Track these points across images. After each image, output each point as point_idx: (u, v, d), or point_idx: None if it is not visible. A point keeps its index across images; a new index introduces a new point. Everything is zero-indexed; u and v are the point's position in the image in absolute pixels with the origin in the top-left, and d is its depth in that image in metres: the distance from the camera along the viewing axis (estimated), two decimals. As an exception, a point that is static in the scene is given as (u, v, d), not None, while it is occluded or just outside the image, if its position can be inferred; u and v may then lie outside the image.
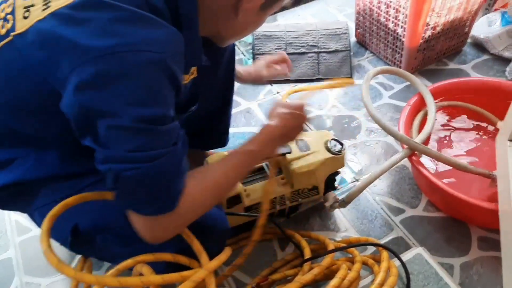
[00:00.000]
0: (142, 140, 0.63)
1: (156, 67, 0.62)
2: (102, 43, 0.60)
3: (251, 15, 0.78)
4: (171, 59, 0.64)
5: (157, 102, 0.64)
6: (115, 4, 0.62)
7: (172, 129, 0.68)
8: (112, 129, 0.62)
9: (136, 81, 0.61)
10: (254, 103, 1.58)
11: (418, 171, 1.12)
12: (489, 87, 1.36)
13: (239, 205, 1.04)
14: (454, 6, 1.52)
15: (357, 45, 1.82)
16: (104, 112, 0.61)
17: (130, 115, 0.61)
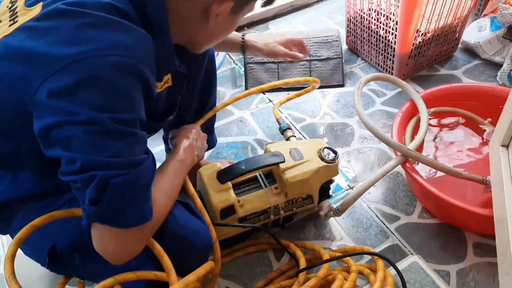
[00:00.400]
0: (121, 145, 0.62)
1: (124, 70, 0.61)
2: (69, 51, 0.59)
3: (222, 19, 0.77)
4: (142, 62, 0.64)
5: (129, 105, 0.63)
6: (81, 11, 0.62)
7: (145, 135, 0.68)
8: (89, 135, 0.60)
9: (107, 86, 0.60)
10: (247, 112, 1.57)
11: (412, 178, 1.12)
12: (481, 92, 1.37)
13: (233, 215, 1.03)
14: (444, 13, 1.53)
15: (349, 52, 1.82)
16: (78, 119, 0.59)
17: (106, 120, 0.60)
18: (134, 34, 0.65)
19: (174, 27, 0.74)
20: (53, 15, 0.63)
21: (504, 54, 1.65)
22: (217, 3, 0.72)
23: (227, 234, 1.07)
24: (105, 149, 0.61)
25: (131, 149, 0.64)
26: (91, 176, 0.61)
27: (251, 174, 1.10)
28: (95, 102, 0.60)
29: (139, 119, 0.66)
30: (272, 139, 1.46)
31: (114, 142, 0.62)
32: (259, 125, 1.51)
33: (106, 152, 0.61)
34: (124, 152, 0.63)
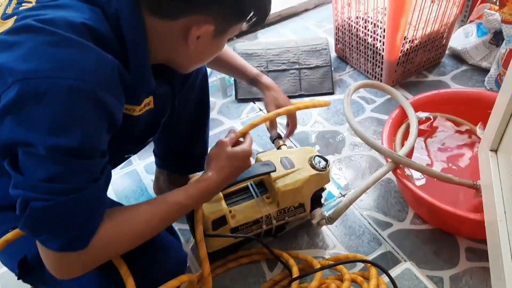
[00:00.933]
0: (56, 171, 0.60)
1: (76, 95, 0.59)
2: (24, 67, 0.58)
3: (204, 43, 0.75)
4: (98, 86, 0.61)
5: (75, 132, 0.60)
6: (47, 28, 0.61)
7: (94, 165, 0.65)
8: (27, 156, 0.60)
9: (51, 109, 0.58)
10: (237, 121, 1.57)
11: (403, 184, 1.12)
12: (469, 98, 1.38)
13: (225, 226, 1.03)
14: (431, 20, 1.54)
15: (338, 60, 1.83)
16: (19, 139, 0.59)
17: (43, 144, 0.58)
18: (96, 57, 0.63)
19: (154, 47, 0.73)
20: (21, 30, 0.62)
21: (490, 59, 1.67)
22: (196, 26, 0.71)
23: (219, 245, 1.06)
24: (38, 171, 0.60)
25: (67, 177, 0.62)
26: (18, 194, 0.62)
27: (242, 184, 1.10)
28: (38, 124, 0.58)
29: (88, 147, 0.63)
30: (263, 148, 1.46)
31: (49, 166, 0.60)
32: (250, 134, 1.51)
33: (37, 175, 0.60)
34: (58, 179, 0.61)
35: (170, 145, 1.20)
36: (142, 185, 1.36)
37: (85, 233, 0.66)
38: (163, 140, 1.19)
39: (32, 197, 0.60)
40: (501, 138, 0.96)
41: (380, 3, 1.46)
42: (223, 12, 0.72)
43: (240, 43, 1.85)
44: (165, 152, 1.22)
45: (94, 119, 0.63)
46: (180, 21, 0.70)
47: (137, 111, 0.79)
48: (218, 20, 0.72)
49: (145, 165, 1.42)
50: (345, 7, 1.64)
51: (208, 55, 0.83)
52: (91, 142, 0.63)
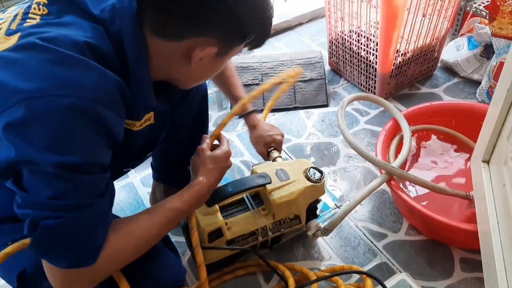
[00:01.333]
0: (62, 187, 0.62)
1: (77, 113, 0.61)
2: (27, 86, 0.60)
3: (205, 62, 0.77)
4: (98, 103, 0.63)
5: (77, 149, 0.62)
6: (49, 47, 0.62)
7: (99, 180, 0.66)
8: (32, 174, 0.61)
9: (54, 128, 0.60)
10: (233, 134, 1.58)
11: (397, 196, 1.13)
12: (461, 109, 1.40)
13: (221, 238, 1.03)
14: (422, 33, 1.57)
15: (332, 73, 1.85)
16: (24, 157, 0.60)
17: (48, 161, 0.60)
18: (96, 74, 0.64)
19: (155, 65, 0.74)
20: (24, 47, 0.63)
21: (482, 71, 1.70)
22: (200, 47, 0.72)
23: (215, 257, 1.06)
24: (45, 189, 0.61)
25: (74, 193, 0.63)
26: (26, 213, 0.62)
27: (238, 196, 1.10)
28: (43, 143, 0.60)
29: (92, 163, 0.65)
30: (258, 160, 1.47)
31: (56, 184, 0.61)
32: (245, 147, 1.52)
33: (45, 193, 0.61)
34: (65, 195, 0.62)
35: (167, 159, 1.20)
36: (138, 197, 1.36)
37: (93, 247, 0.67)
38: (161, 154, 1.20)
39: (43, 215, 0.61)
40: (492, 149, 0.98)
41: (372, 17, 1.49)
42: (226, 34, 0.73)
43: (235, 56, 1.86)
44: (162, 165, 1.22)
45: (95, 135, 0.64)
46: (184, 42, 0.72)
47: (137, 126, 0.80)
48: (221, 42, 0.73)
49: (141, 178, 1.43)
50: (338, 21, 1.66)
51: (209, 74, 0.85)
52: (93, 157, 0.64)
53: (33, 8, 0.71)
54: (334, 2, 1.62)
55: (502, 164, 0.91)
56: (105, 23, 0.69)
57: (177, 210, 0.82)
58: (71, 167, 0.61)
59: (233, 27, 0.73)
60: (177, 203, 0.83)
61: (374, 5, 1.44)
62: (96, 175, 0.65)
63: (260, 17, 0.75)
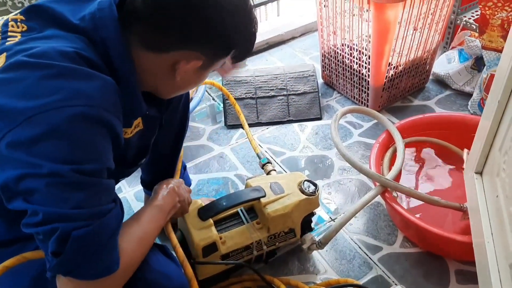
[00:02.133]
0: (84, 195, 0.61)
1: (87, 120, 0.61)
2: (31, 103, 0.59)
3: (190, 75, 0.78)
4: (106, 110, 0.63)
5: (93, 155, 0.62)
6: (42, 62, 0.62)
7: (111, 184, 0.67)
8: (51, 187, 0.60)
9: (68, 138, 0.60)
10: (227, 148, 1.58)
11: (392, 208, 1.13)
12: (453, 121, 1.41)
13: (215, 253, 1.02)
14: (414, 46, 1.59)
15: (325, 86, 1.87)
16: (40, 172, 0.59)
17: (68, 172, 0.59)
18: (98, 81, 0.65)
19: (141, 75, 0.75)
20: (15, 67, 0.63)
21: (473, 84, 1.71)
22: (185, 60, 0.73)
23: (210, 272, 1.05)
24: (68, 200, 0.60)
25: (95, 199, 0.63)
26: (53, 228, 0.60)
27: (233, 210, 1.10)
28: (57, 154, 0.59)
29: (105, 167, 0.65)
30: (252, 173, 1.46)
31: (77, 193, 0.61)
32: (239, 160, 1.52)
33: (68, 204, 0.60)
34: (88, 203, 0.62)
35: (154, 170, 1.19)
36: (132, 212, 1.35)
37: (116, 253, 0.67)
38: (149, 165, 1.19)
39: (72, 226, 0.60)
40: (485, 161, 0.98)
41: (364, 31, 1.50)
42: (211, 49, 0.74)
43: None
44: (150, 178, 1.22)
45: (106, 140, 0.65)
46: (170, 54, 0.72)
47: (129, 133, 0.81)
48: (205, 56, 0.74)
49: (135, 193, 1.42)
50: (330, 35, 1.68)
51: (192, 85, 0.85)
52: (106, 162, 0.65)
53: (10, 25, 0.70)
54: (326, 16, 1.64)
55: (495, 175, 0.91)
56: (86, 32, 0.70)
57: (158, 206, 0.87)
58: (90, 173, 0.62)
59: (219, 42, 0.74)
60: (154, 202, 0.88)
61: (365, 19, 1.46)
62: (108, 179, 0.66)
63: (245, 32, 0.77)
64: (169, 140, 1.11)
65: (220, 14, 0.70)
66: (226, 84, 1.75)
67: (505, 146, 0.87)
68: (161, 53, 0.72)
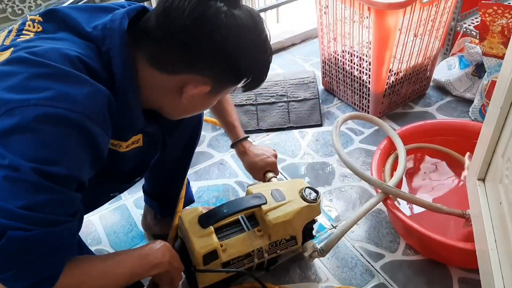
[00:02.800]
0: (38, 198, 0.59)
1: (62, 123, 0.60)
2: (16, 97, 0.60)
3: (197, 98, 0.77)
4: (88, 118, 0.62)
5: (62, 160, 0.60)
6: (40, 61, 0.63)
7: (75, 198, 0.64)
8: (7, 181, 0.58)
9: (40, 137, 0.59)
10: (227, 154, 1.57)
11: (394, 215, 1.13)
12: (455, 128, 1.41)
13: (216, 261, 1.01)
14: (414, 53, 1.59)
15: (325, 92, 1.86)
16: (2, 163, 0.58)
17: (28, 169, 0.58)
18: (88, 88, 0.64)
19: (146, 94, 0.74)
20: (14, 61, 0.64)
21: (474, 90, 1.71)
22: (193, 84, 0.72)
23: (210, 280, 1.04)
24: (17, 198, 0.58)
25: (48, 207, 0.60)
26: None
27: (233, 217, 1.09)
28: (23, 149, 0.58)
29: (72, 177, 0.62)
30: (253, 180, 1.46)
31: (31, 194, 0.59)
32: (239, 167, 1.51)
33: (17, 202, 0.58)
34: (39, 208, 0.59)
35: (156, 183, 1.19)
36: (131, 220, 1.35)
37: (55, 271, 0.63)
38: (152, 178, 1.19)
39: (12, 225, 0.57)
40: (487, 167, 0.98)
41: (365, 37, 1.50)
42: (221, 76, 0.74)
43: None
44: (152, 189, 1.21)
45: (81, 149, 0.63)
46: (178, 76, 0.72)
47: (124, 147, 0.79)
48: (214, 82, 0.73)
49: (134, 200, 1.41)
50: (331, 42, 1.68)
51: (199, 109, 0.85)
52: (75, 171, 0.63)
53: (27, 25, 0.71)
54: (326, 23, 1.64)
55: (498, 181, 0.91)
56: (96, 41, 0.70)
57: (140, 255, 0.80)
58: (52, 177, 0.59)
59: (229, 70, 0.73)
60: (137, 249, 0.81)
61: (366, 25, 1.46)
62: (73, 191, 0.63)
63: (257, 62, 0.76)
64: (171, 163, 1.10)
65: (232, 43, 0.69)
66: (226, 90, 1.75)
67: (508, 153, 0.86)
68: (169, 74, 0.72)
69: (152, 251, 0.82)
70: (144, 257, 0.80)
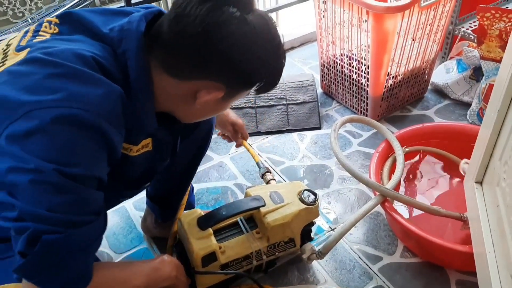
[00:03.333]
0: (63, 199, 0.60)
1: (77, 124, 0.61)
2: (32, 98, 0.60)
3: (211, 104, 0.76)
4: (103, 118, 0.63)
5: (78, 159, 0.61)
6: (54, 61, 0.63)
7: (98, 196, 0.65)
8: (34, 184, 0.59)
9: (58, 138, 0.60)
10: (226, 157, 1.58)
11: (392, 218, 1.13)
12: (453, 131, 1.41)
13: (214, 263, 1.01)
14: (412, 57, 1.60)
15: (324, 95, 1.87)
16: (26, 167, 0.59)
17: (51, 171, 0.58)
18: (103, 89, 0.64)
19: (159, 98, 0.74)
20: (29, 62, 0.64)
21: (472, 94, 1.72)
22: (207, 90, 0.72)
23: (209, 282, 1.04)
24: (45, 201, 0.59)
25: (74, 207, 0.61)
26: (25, 226, 0.59)
27: (232, 220, 1.09)
28: (43, 152, 0.59)
29: (93, 176, 0.64)
30: (252, 183, 1.46)
31: (57, 196, 0.60)
32: (238, 170, 1.52)
33: (45, 205, 0.59)
34: (65, 208, 0.60)
35: (160, 189, 1.19)
36: (130, 222, 1.35)
37: (87, 270, 0.65)
38: (157, 182, 1.18)
39: (43, 229, 0.59)
40: (485, 170, 0.98)
41: (363, 41, 1.51)
42: (234, 82, 0.73)
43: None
44: (155, 192, 1.21)
45: (98, 148, 0.64)
46: (191, 82, 0.72)
47: (134, 151, 0.79)
48: (228, 87, 0.73)
49: (134, 202, 1.41)
50: (330, 45, 1.69)
51: (212, 114, 0.85)
52: (95, 170, 0.64)
53: (44, 26, 0.72)
54: (325, 27, 1.65)
55: (495, 184, 0.91)
56: (112, 44, 0.70)
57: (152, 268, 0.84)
58: (74, 178, 0.60)
59: (242, 76, 0.73)
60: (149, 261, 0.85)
61: (364, 29, 1.47)
62: (95, 189, 0.65)
63: (271, 67, 0.75)
64: (178, 169, 1.10)
65: (244, 49, 0.69)
66: (225, 93, 1.75)
67: (505, 156, 0.87)
68: (182, 80, 0.72)
69: (163, 266, 0.86)
70: (156, 271, 0.84)
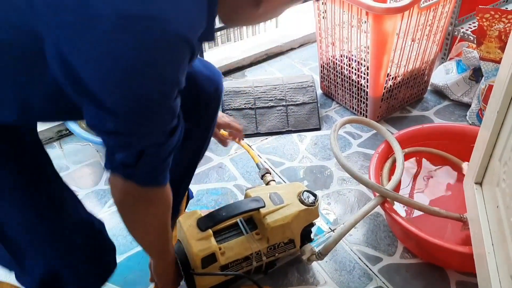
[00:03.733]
0: (165, 114, 0.64)
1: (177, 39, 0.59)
2: None
3: (271, 8, 0.72)
4: (193, 30, 0.62)
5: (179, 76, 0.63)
6: None
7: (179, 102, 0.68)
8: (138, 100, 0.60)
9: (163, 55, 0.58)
10: (226, 158, 1.58)
11: (392, 218, 1.13)
12: (452, 132, 1.41)
13: (214, 264, 1.01)
14: (412, 57, 1.60)
15: (324, 96, 1.87)
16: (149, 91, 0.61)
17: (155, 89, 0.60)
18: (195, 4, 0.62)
19: (222, 3, 0.69)
20: None
21: (471, 94, 1.72)
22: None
23: (209, 283, 1.04)
24: (150, 116, 0.62)
25: (171, 118, 0.66)
26: (128, 142, 0.64)
27: (232, 221, 1.09)
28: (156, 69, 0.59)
29: (180, 88, 0.65)
30: (252, 184, 1.46)
31: (160, 110, 0.63)
32: (238, 171, 1.52)
33: (151, 121, 0.63)
34: (167, 121, 0.65)
35: None
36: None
37: (167, 170, 0.73)
38: None
39: (149, 143, 0.65)
40: (485, 171, 0.98)
41: (363, 42, 1.51)
42: None
43: (228, 81, 1.88)
44: None
45: (187, 62, 0.64)
46: None
47: None
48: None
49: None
50: (329, 46, 1.69)
51: (265, 19, 0.80)
52: (182, 83, 0.65)
53: None
54: (325, 28, 1.65)
55: (495, 185, 0.91)
56: None
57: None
58: (173, 93, 0.63)
59: None
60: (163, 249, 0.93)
61: (364, 30, 1.47)
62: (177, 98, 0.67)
63: None
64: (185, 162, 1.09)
65: None
66: (225, 94, 1.76)
67: (505, 157, 0.87)
68: None
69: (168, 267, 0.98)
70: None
